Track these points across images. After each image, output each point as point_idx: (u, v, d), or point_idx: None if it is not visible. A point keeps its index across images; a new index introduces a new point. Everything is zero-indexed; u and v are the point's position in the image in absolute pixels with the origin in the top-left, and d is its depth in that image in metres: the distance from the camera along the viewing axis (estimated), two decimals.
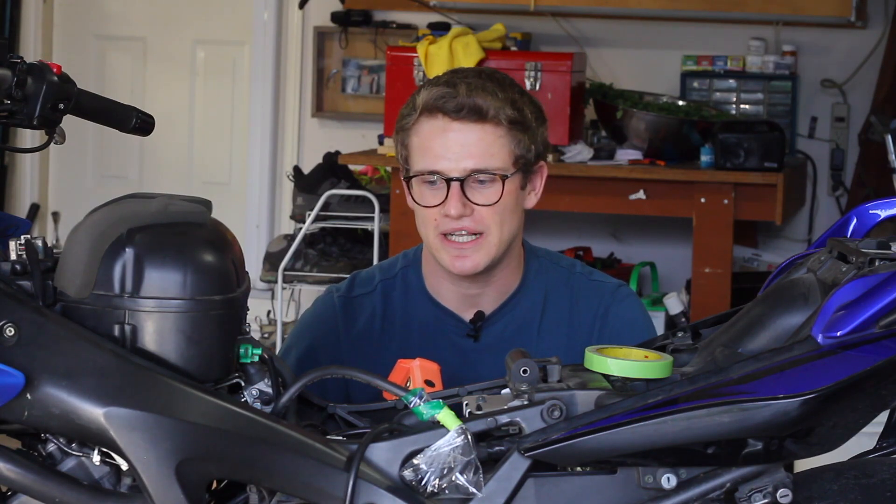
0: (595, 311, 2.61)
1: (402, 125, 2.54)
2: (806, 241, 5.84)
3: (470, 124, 2.48)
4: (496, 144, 2.49)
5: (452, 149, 2.48)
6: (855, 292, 1.92)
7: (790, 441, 1.92)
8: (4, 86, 1.96)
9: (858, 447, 2.15)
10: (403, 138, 2.54)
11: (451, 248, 2.51)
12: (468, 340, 2.58)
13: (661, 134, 5.20)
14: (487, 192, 2.50)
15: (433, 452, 1.92)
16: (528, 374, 1.99)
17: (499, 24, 5.36)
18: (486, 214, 2.49)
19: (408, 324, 2.60)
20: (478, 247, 2.50)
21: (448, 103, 2.48)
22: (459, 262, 2.51)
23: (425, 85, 2.56)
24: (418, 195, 2.53)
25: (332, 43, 6.32)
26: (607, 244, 5.92)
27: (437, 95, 2.49)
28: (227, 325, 1.94)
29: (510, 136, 2.50)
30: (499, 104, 2.48)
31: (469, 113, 2.47)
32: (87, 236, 1.91)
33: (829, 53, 5.87)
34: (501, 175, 2.49)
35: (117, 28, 6.67)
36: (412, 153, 2.53)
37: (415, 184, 2.53)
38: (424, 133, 2.51)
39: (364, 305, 2.61)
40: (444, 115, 2.48)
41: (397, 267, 2.65)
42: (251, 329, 2.02)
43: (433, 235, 2.52)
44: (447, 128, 2.49)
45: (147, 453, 1.83)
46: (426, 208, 2.52)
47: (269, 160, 6.43)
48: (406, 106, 2.55)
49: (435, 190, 2.51)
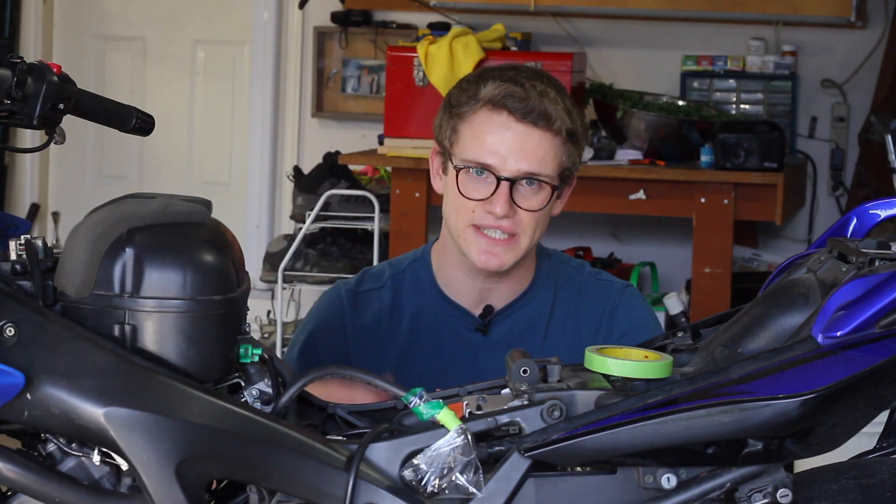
0: (602, 310, 2.61)
1: (458, 111, 2.52)
2: (806, 241, 5.84)
3: (533, 128, 2.48)
4: (551, 153, 2.50)
5: (511, 148, 2.48)
6: (855, 292, 1.92)
7: (790, 441, 1.92)
8: (4, 86, 1.96)
9: (858, 447, 2.15)
10: (456, 123, 2.52)
11: (484, 242, 2.50)
12: (477, 335, 2.59)
13: (661, 134, 5.20)
14: (533, 197, 2.50)
15: (433, 452, 1.92)
16: (528, 374, 1.99)
17: (499, 24, 5.36)
18: (525, 218, 2.50)
19: (416, 317, 2.60)
20: (509, 247, 2.51)
21: (517, 103, 2.48)
22: (487, 257, 2.51)
23: (485, 75, 2.53)
24: (463, 184, 2.51)
25: (332, 43, 6.32)
26: (607, 244, 5.92)
27: (505, 92, 2.48)
28: (227, 325, 1.94)
29: (564, 146, 2.51)
30: (562, 114, 2.49)
31: (537, 118, 2.47)
32: (87, 236, 1.91)
33: (829, 53, 5.87)
34: (551, 184, 2.50)
35: (117, 28, 6.67)
36: (462, 140, 2.52)
37: (461, 172, 2.52)
38: (483, 125, 2.50)
39: (372, 299, 2.61)
40: (509, 113, 2.48)
41: (406, 262, 2.65)
42: (251, 329, 2.02)
43: (465, 225, 2.52)
44: (509, 126, 2.48)
45: (147, 453, 1.83)
46: (467, 199, 2.51)
47: (269, 160, 6.43)
48: (463, 91, 2.53)
49: (482, 183, 2.50)
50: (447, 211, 2.56)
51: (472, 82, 2.53)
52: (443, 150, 2.56)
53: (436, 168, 2.60)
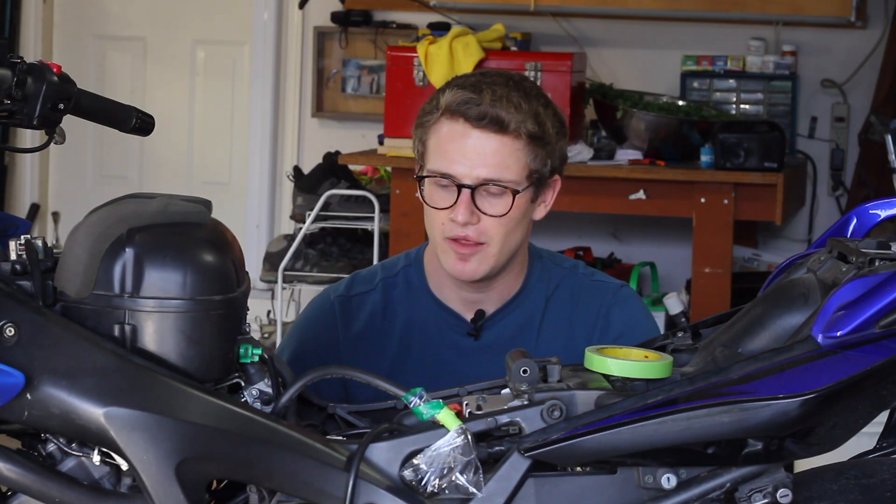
0: (597, 311, 2.61)
1: (423, 122, 2.53)
2: (806, 241, 5.84)
3: (489, 134, 2.47)
4: (512, 157, 2.48)
5: (468, 155, 2.47)
6: (855, 292, 1.92)
7: (790, 441, 1.92)
8: (4, 86, 1.96)
9: (858, 447, 2.15)
10: (422, 135, 2.53)
11: (455, 249, 2.50)
12: (469, 339, 2.59)
13: (661, 134, 5.20)
14: (497, 203, 2.49)
15: (433, 452, 1.92)
16: (528, 374, 1.99)
17: (499, 24, 5.36)
18: (490, 225, 2.49)
19: (409, 321, 2.59)
20: (478, 255, 2.50)
21: (471, 110, 2.46)
22: (460, 266, 2.50)
23: (451, 84, 2.53)
24: (429, 195, 2.52)
25: (332, 43, 6.32)
26: (607, 244, 5.92)
27: (461, 100, 2.47)
28: (227, 325, 1.94)
29: (527, 150, 2.48)
30: (521, 117, 2.46)
31: (490, 123, 2.46)
32: (87, 236, 1.91)
33: (829, 53, 5.87)
34: (513, 189, 2.48)
35: (117, 28, 6.67)
36: (428, 151, 2.52)
37: (427, 183, 2.53)
38: (443, 134, 2.49)
39: (364, 303, 2.61)
40: (465, 120, 2.47)
41: (399, 266, 2.65)
42: (251, 329, 2.02)
43: (440, 237, 2.52)
44: (466, 133, 2.47)
45: (147, 453, 1.83)
46: (435, 209, 2.51)
47: (269, 160, 6.43)
48: (429, 102, 2.54)
49: (446, 193, 2.50)
50: (426, 224, 2.56)
51: (438, 91, 2.54)
52: (416, 163, 2.57)
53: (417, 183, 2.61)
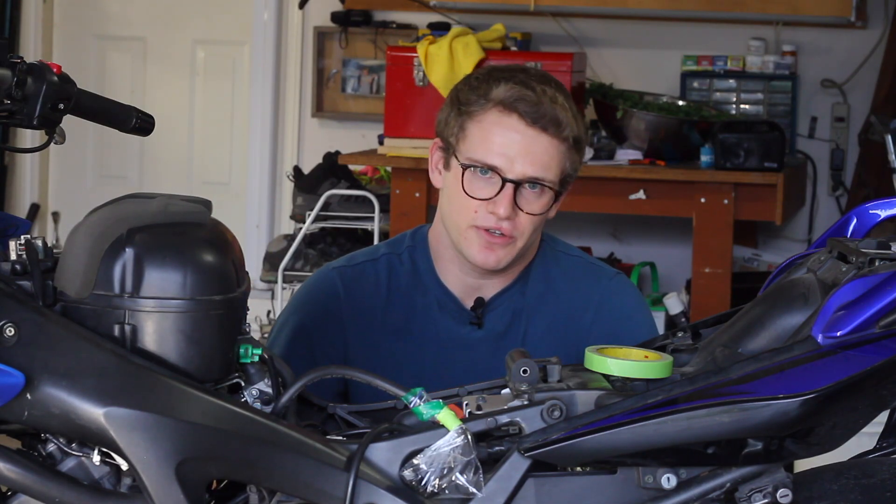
0: (590, 295, 2.61)
1: (467, 109, 2.52)
2: (806, 241, 5.84)
3: (542, 133, 2.48)
4: (556, 158, 2.50)
5: (518, 151, 2.48)
6: (855, 292, 1.92)
7: (790, 441, 1.92)
8: (4, 86, 1.95)
9: (858, 447, 2.15)
10: (464, 121, 2.52)
11: (484, 239, 2.50)
12: (470, 327, 2.59)
13: (661, 134, 5.20)
14: (535, 201, 2.50)
15: (433, 452, 1.92)
16: (528, 374, 1.99)
17: (499, 24, 5.36)
18: (525, 221, 2.51)
19: (412, 304, 2.59)
20: (506, 247, 2.51)
21: (528, 108, 2.48)
22: (486, 254, 2.51)
23: (496, 75, 2.53)
24: (468, 182, 2.51)
25: (332, 43, 6.32)
26: (607, 244, 5.92)
27: (517, 95, 2.48)
28: (227, 325, 1.94)
29: (569, 153, 2.52)
30: (571, 121, 2.50)
31: (547, 123, 2.48)
32: (87, 236, 1.91)
33: (829, 53, 5.87)
34: (554, 189, 2.51)
35: (117, 28, 6.67)
36: (469, 139, 2.51)
37: (466, 171, 2.52)
38: (491, 126, 2.49)
39: (366, 272, 2.60)
40: (520, 116, 2.48)
41: (404, 245, 2.64)
42: (251, 329, 2.02)
43: (466, 226, 2.52)
44: (518, 129, 2.48)
45: (147, 453, 1.83)
46: (470, 197, 2.51)
47: (269, 160, 6.43)
48: (473, 90, 2.53)
49: (486, 184, 2.50)
50: (447, 208, 2.55)
51: (482, 81, 2.53)
52: (447, 146, 2.56)
53: (435, 162, 2.59)
